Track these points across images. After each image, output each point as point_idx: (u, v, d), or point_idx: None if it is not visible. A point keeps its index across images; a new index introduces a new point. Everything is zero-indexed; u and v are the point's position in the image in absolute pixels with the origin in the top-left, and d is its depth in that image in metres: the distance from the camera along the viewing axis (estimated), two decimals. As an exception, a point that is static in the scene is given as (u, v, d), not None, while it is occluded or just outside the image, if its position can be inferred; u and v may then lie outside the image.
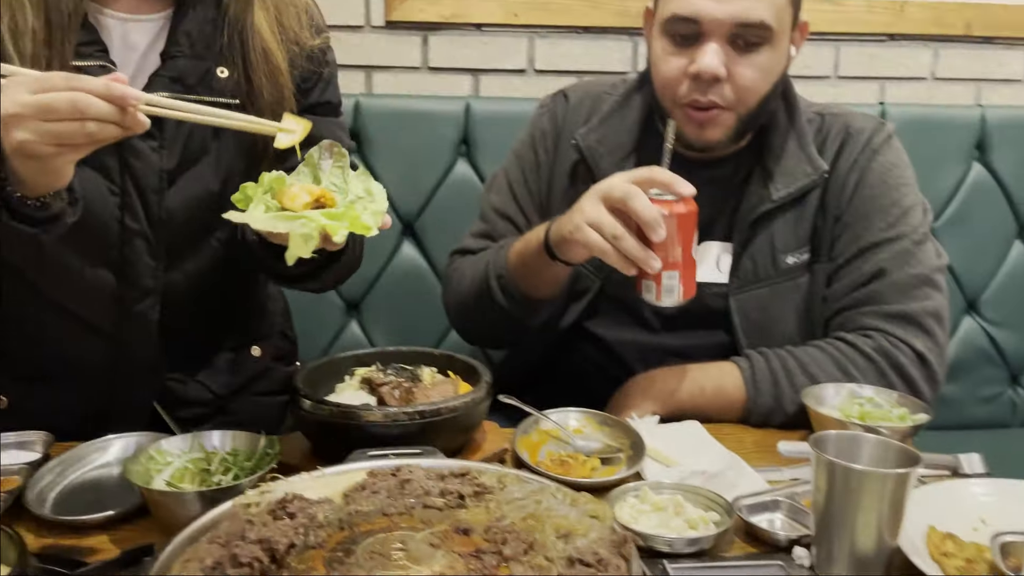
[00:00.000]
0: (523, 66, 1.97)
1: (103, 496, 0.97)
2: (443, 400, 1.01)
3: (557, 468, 1.03)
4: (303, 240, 0.88)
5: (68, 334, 1.16)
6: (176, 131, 1.12)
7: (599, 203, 1.09)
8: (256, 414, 1.30)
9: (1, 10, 0.99)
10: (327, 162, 0.99)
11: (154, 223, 1.13)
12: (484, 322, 1.38)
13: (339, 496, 0.83)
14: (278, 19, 1.18)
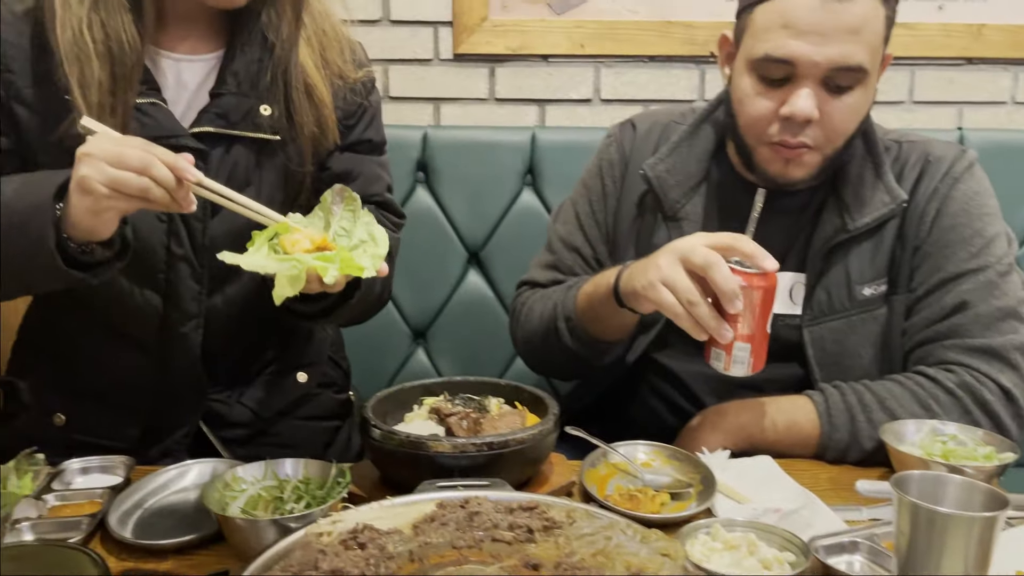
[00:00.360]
0: (589, 96, 1.98)
1: (181, 521, 1.00)
2: (511, 432, 1.01)
3: (626, 503, 1.02)
4: (289, 281, 0.92)
5: (119, 354, 1.23)
6: (220, 162, 1.17)
7: (677, 264, 1.05)
8: (301, 438, 1.34)
9: (69, 63, 1.06)
10: (338, 206, 1.03)
11: (198, 249, 1.19)
12: (552, 359, 1.38)
13: (408, 527, 0.83)
14: (322, 54, 1.22)
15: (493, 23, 1.93)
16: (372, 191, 1.32)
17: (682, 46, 1.93)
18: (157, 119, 1.13)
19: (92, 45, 1.06)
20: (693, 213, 1.30)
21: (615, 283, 1.17)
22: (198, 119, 1.16)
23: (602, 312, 1.22)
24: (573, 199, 1.43)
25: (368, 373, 1.75)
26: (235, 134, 1.17)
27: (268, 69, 1.17)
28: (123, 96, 1.09)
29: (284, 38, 1.16)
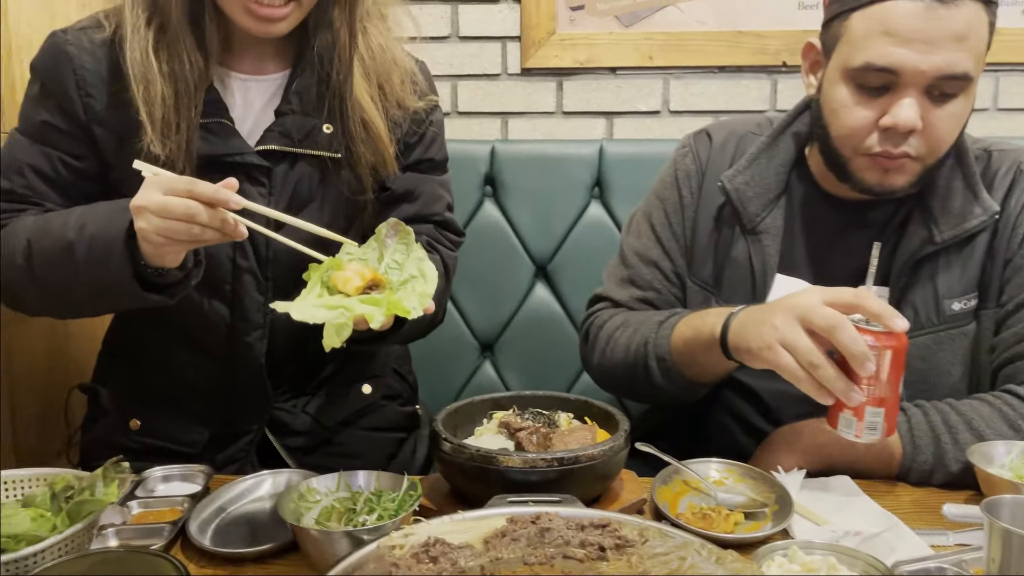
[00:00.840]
0: (657, 107, 1.96)
1: (257, 530, 1.02)
2: (581, 448, 1.00)
3: (699, 521, 1.00)
4: (335, 331, 0.94)
5: (190, 361, 1.28)
6: (284, 179, 1.21)
7: (795, 324, 0.99)
8: (365, 448, 1.36)
9: (136, 83, 1.11)
10: (392, 239, 1.06)
11: (262, 262, 1.23)
12: (634, 391, 1.34)
13: (480, 542, 0.83)
14: (380, 85, 1.24)
15: (561, 37, 1.93)
16: (432, 211, 1.34)
17: (753, 56, 1.90)
18: (223, 138, 1.17)
19: (157, 65, 1.11)
20: (773, 227, 1.27)
21: (722, 334, 1.10)
22: (263, 137, 1.20)
23: (703, 360, 1.17)
24: (646, 211, 1.40)
25: (435, 386, 1.76)
26: (298, 152, 1.21)
27: (327, 92, 1.20)
28: (186, 113, 1.13)
29: (338, 65, 1.19)
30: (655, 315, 1.29)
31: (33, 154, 1.18)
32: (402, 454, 1.42)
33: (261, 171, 1.19)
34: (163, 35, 1.12)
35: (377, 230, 1.06)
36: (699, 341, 1.15)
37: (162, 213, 0.96)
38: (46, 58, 1.18)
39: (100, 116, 1.17)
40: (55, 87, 1.17)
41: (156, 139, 1.12)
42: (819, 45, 1.22)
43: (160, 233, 0.98)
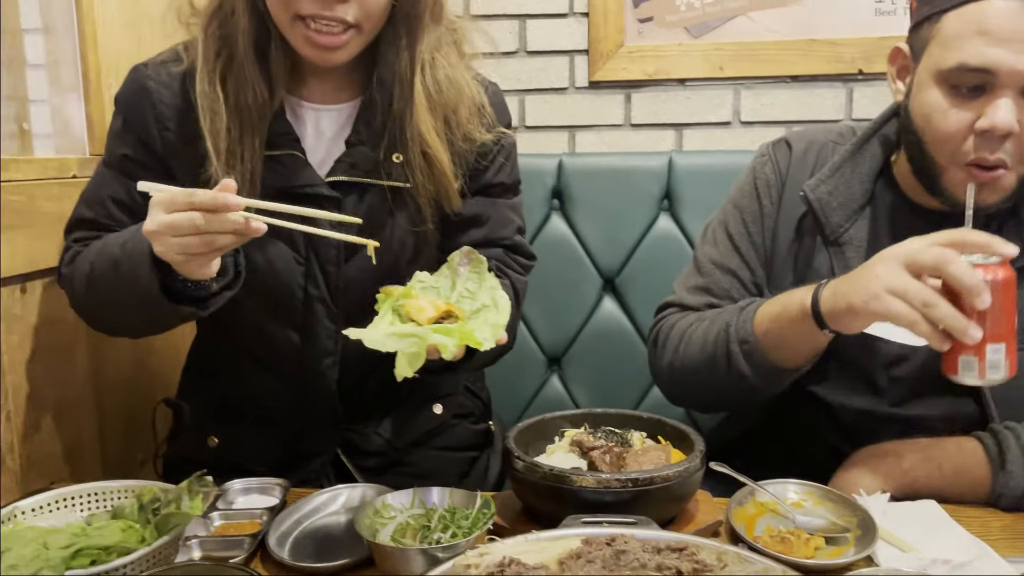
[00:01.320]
0: (728, 118, 1.94)
1: (332, 544, 1.03)
2: (656, 468, 0.99)
3: (777, 545, 0.97)
4: (408, 360, 0.94)
5: (264, 384, 1.30)
6: (354, 208, 1.21)
7: (900, 268, 0.97)
8: (437, 468, 1.36)
9: (203, 113, 1.13)
10: (464, 267, 1.05)
11: (333, 291, 1.23)
12: (711, 389, 1.27)
13: (554, 563, 0.83)
14: (446, 119, 1.23)
15: (629, 49, 1.92)
16: (501, 235, 1.33)
17: (827, 64, 1.86)
18: (293, 170, 1.18)
19: (222, 95, 1.13)
20: (857, 238, 1.23)
21: (813, 304, 1.09)
22: (333, 168, 1.21)
23: (791, 336, 1.13)
24: (722, 220, 1.36)
25: (503, 399, 1.76)
26: (368, 182, 1.21)
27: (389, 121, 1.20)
28: (250, 144, 1.14)
29: (399, 94, 1.18)
30: (734, 305, 1.25)
31: (114, 185, 1.21)
32: (474, 472, 1.42)
33: (331, 202, 1.19)
34: (230, 66, 1.14)
35: (450, 258, 1.06)
36: (788, 316, 1.12)
37: (170, 232, 0.96)
38: (128, 92, 1.21)
39: (176, 149, 1.19)
40: (135, 121, 1.20)
41: (221, 169, 1.13)
42: (907, 49, 1.18)
43: (177, 251, 0.98)
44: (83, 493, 1.01)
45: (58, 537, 0.86)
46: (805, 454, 1.30)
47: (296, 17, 1.08)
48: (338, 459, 1.32)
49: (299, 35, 1.10)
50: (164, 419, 1.41)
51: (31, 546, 0.84)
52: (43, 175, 1.28)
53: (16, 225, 1.22)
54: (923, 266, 0.96)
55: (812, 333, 1.09)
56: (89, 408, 1.41)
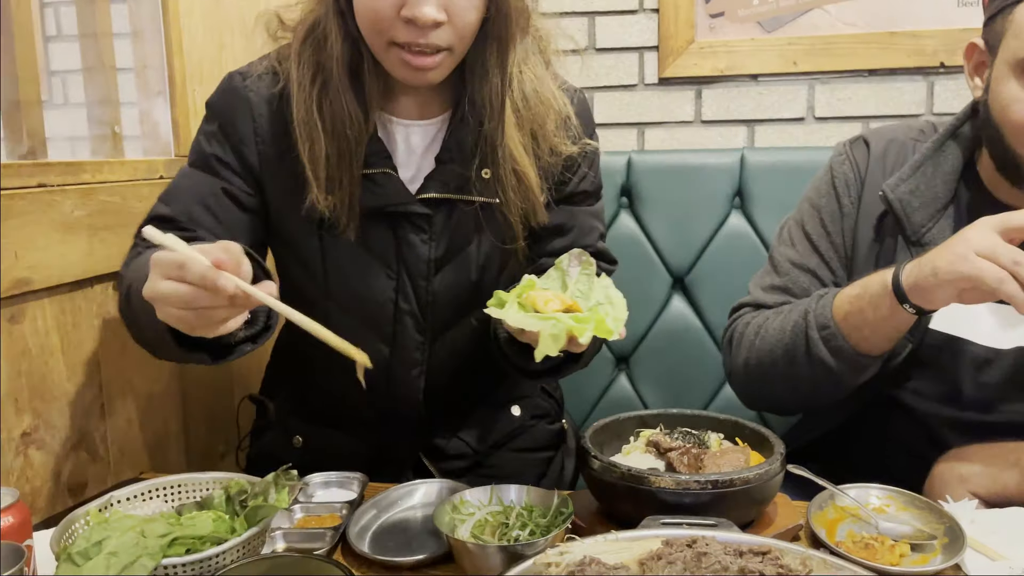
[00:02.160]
0: (802, 114, 1.90)
1: (411, 538, 1.05)
2: (736, 471, 0.98)
3: (860, 551, 0.95)
4: (552, 340, 0.93)
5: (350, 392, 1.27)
6: (443, 226, 1.21)
7: (991, 232, 0.98)
8: (516, 469, 1.36)
9: (302, 141, 1.13)
10: (575, 269, 1.04)
11: (422, 304, 1.24)
12: (788, 383, 1.24)
13: (635, 563, 0.83)
14: (533, 133, 1.22)
15: (700, 45, 1.90)
16: (585, 243, 1.31)
17: (907, 57, 1.81)
18: (387, 188, 1.17)
19: (320, 123, 1.12)
20: (940, 237, 1.19)
21: (894, 279, 1.07)
22: (424, 185, 1.20)
23: (872, 316, 1.11)
24: (799, 220, 1.34)
25: (571, 399, 1.76)
26: (458, 198, 1.20)
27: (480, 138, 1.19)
28: (348, 169, 1.14)
29: (489, 112, 1.17)
30: (811, 296, 1.23)
31: (196, 180, 1.20)
32: (551, 472, 1.42)
33: (423, 219, 1.19)
34: (325, 92, 1.13)
35: (558, 261, 1.06)
36: (868, 295, 1.11)
37: (164, 303, 0.88)
38: (226, 100, 1.20)
39: (272, 167, 1.19)
40: (232, 129, 1.19)
41: (320, 195, 1.13)
42: (982, 44, 1.16)
43: (175, 321, 0.90)
44: (173, 484, 1.06)
45: (155, 526, 0.90)
46: (886, 459, 1.27)
47: (391, 43, 1.08)
48: (420, 462, 1.34)
49: (394, 59, 1.10)
50: (246, 414, 1.45)
51: (129, 534, 0.88)
52: (133, 176, 1.33)
53: (110, 225, 1.27)
54: (1017, 227, 0.97)
55: (893, 311, 1.08)
56: (175, 402, 1.46)
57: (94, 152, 1.42)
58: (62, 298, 1.20)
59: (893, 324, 1.11)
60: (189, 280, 0.84)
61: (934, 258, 1.03)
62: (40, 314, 1.16)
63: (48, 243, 1.15)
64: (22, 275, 1.11)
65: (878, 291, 1.09)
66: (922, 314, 1.08)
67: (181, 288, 0.85)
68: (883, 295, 1.08)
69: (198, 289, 0.84)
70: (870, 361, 1.17)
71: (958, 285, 1.00)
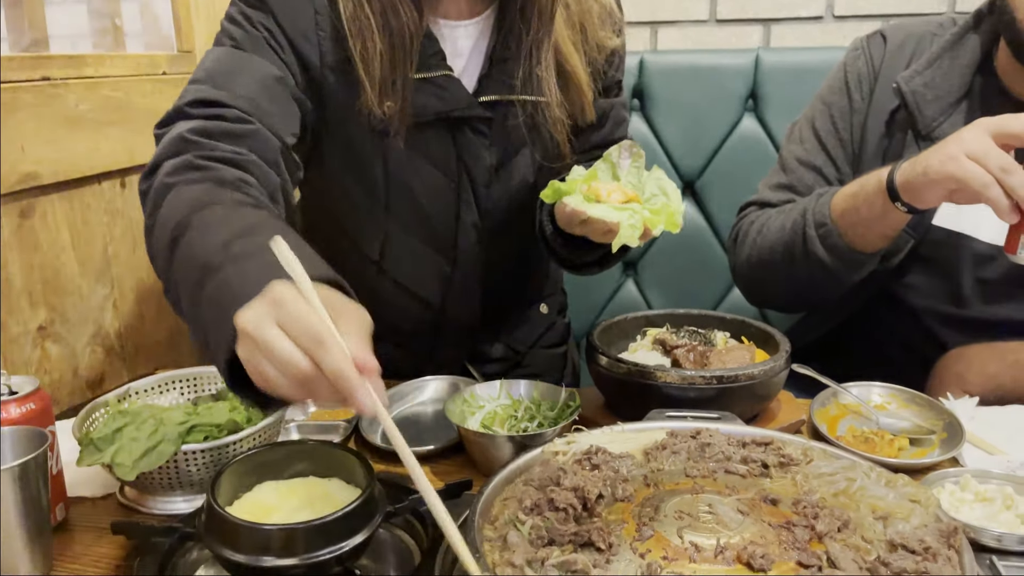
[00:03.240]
0: (820, 13, 1.84)
1: (421, 431, 1.08)
2: (741, 367, 1.00)
3: (861, 445, 0.98)
4: (631, 229, 0.92)
5: (402, 303, 1.28)
6: (501, 128, 1.16)
7: (985, 135, 0.97)
8: (544, 366, 1.39)
9: (353, 39, 1.05)
10: (626, 161, 1.03)
11: (482, 212, 1.21)
12: (787, 280, 1.25)
13: (640, 453, 0.85)
14: (582, 27, 1.17)
15: (717, -61, 1.83)
16: (619, 134, 1.31)
17: (932, -48, 1.74)
18: (451, 91, 1.11)
19: (372, 19, 1.04)
20: (951, 132, 1.18)
21: (888, 176, 1.07)
22: (483, 87, 1.14)
23: (867, 214, 1.12)
24: (810, 116, 1.33)
25: (578, 303, 1.77)
26: (514, 99, 1.15)
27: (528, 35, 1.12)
28: (402, 70, 1.07)
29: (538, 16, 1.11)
30: (812, 194, 1.24)
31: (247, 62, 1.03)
32: (567, 366, 1.45)
33: (483, 122, 1.14)
34: None
35: (607, 154, 1.04)
36: (864, 193, 1.12)
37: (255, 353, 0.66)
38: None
39: (332, 63, 1.07)
40: (290, 23, 1.05)
41: (375, 98, 1.06)
42: None
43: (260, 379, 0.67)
44: (187, 377, 1.08)
45: (173, 414, 0.92)
46: (888, 357, 1.29)
47: None
48: (464, 368, 1.35)
49: None
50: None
51: (149, 421, 0.90)
52: (136, 71, 1.30)
53: (114, 121, 1.25)
54: (1012, 134, 0.95)
55: (886, 210, 1.08)
56: (186, 299, 1.48)
57: (95, 46, 1.39)
58: (71, 194, 1.20)
59: (887, 222, 1.11)
60: (321, 367, 0.64)
61: (927, 157, 1.02)
62: (50, 209, 1.16)
63: (54, 137, 1.14)
64: (29, 169, 1.10)
65: (873, 189, 1.09)
66: (914, 213, 1.08)
67: (304, 365, 0.64)
68: (878, 193, 1.08)
69: (322, 379, 0.64)
70: (865, 258, 1.17)
71: (946, 185, 0.99)
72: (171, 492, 0.91)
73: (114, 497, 0.95)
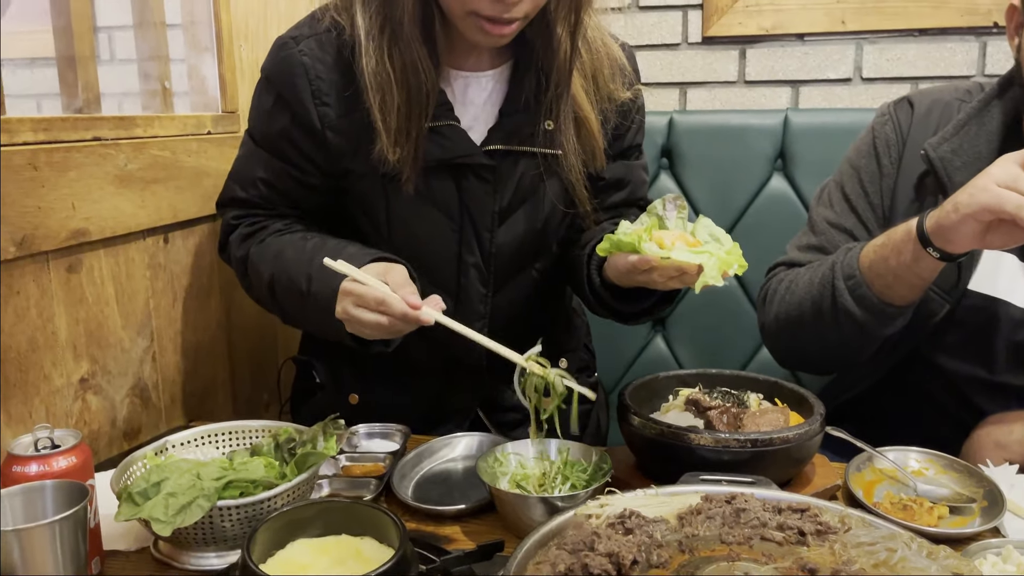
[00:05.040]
0: (848, 75, 1.86)
1: (452, 488, 1.08)
2: (775, 430, 0.99)
3: (899, 513, 0.96)
4: (714, 269, 0.96)
5: (411, 346, 1.28)
6: (508, 175, 1.21)
7: (1012, 164, 0.99)
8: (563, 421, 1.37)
9: (372, 92, 1.12)
10: (672, 212, 1.05)
11: (485, 256, 1.25)
12: (817, 337, 1.24)
13: (673, 517, 0.85)
14: (593, 78, 1.22)
15: (745, 3, 1.86)
16: (638, 195, 1.34)
17: (960, 17, 1.76)
18: (453, 140, 1.17)
19: (392, 73, 1.11)
20: None
21: (918, 224, 1.08)
22: (489, 137, 1.20)
23: (895, 263, 1.11)
24: (839, 180, 1.34)
25: (606, 359, 1.77)
26: (522, 150, 1.20)
27: (547, 90, 1.18)
28: (418, 121, 1.13)
29: (558, 70, 1.16)
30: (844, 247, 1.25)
31: (267, 166, 1.22)
32: (590, 425, 1.45)
33: (487, 170, 1.19)
34: (395, 42, 1.11)
35: (651, 206, 1.07)
36: (892, 242, 1.12)
37: (361, 325, 1.04)
38: (281, 68, 1.18)
39: (335, 123, 1.18)
40: (291, 97, 1.17)
41: (390, 146, 1.13)
42: (1020, 5, 1.13)
43: (357, 334, 1.07)
44: (224, 431, 1.09)
45: (209, 469, 0.93)
46: (922, 420, 1.27)
47: (472, 12, 1.07)
48: (476, 416, 1.36)
49: (472, 25, 1.09)
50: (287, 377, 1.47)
51: (186, 476, 0.91)
52: (182, 131, 1.35)
53: (161, 179, 1.30)
54: None
55: (916, 257, 1.08)
56: (222, 352, 1.50)
57: (145, 107, 1.44)
58: (116, 249, 1.23)
59: (917, 271, 1.10)
60: (390, 314, 1.01)
61: (956, 196, 1.03)
62: (96, 264, 1.19)
63: (103, 195, 1.18)
64: (79, 226, 1.14)
65: (902, 237, 1.10)
66: (947, 259, 1.07)
67: (383, 320, 1.02)
68: (906, 240, 1.09)
69: (396, 321, 1.02)
70: (895, 311, 1.16)
71: (979, 218, 0.99)
72: (205, 548, 0.92)
73: (148, 551, 0.95)
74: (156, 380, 1.33)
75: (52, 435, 0.90)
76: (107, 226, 1.19)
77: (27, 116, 1.07)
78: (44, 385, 1.12)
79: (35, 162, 1.07)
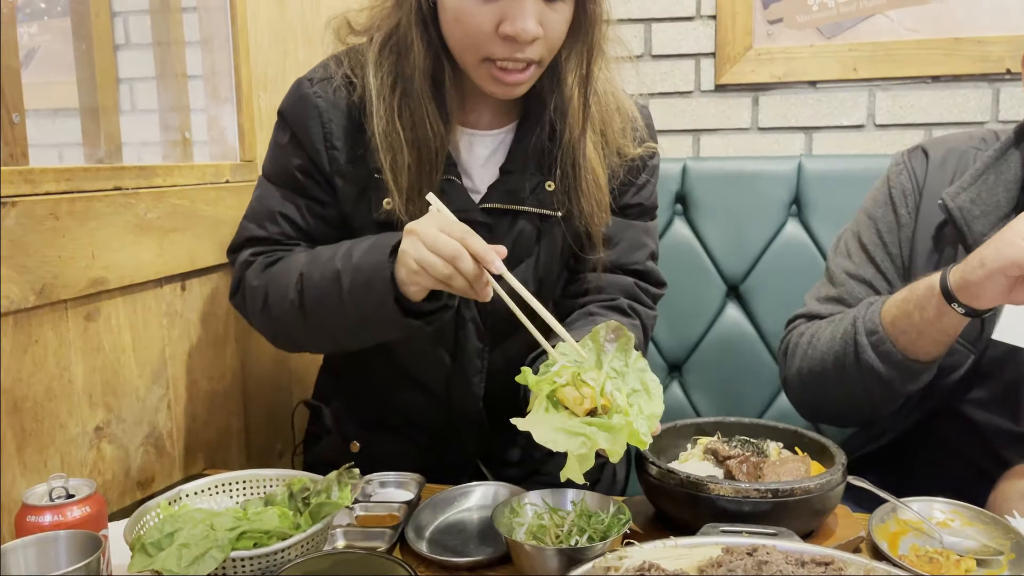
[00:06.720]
0: (862, 121, 1.87)
1: (467, 539, 1.07)
2: (796, 480, 0.98)
3: (924, 565, 0.94)
4: (578, 461, 0.89)
5: (411, 397, 1.31)
6: (505, 234, 1.21)
7: None
8: None
9: (383, 152, 1.14)
10: (611, 344, 1.00)
11: (483, 312, 1.25)
12: (841, 391, 1.23)
13: (694, 569, 0.83)
14: (603, 133, 1.23)
15: (758, 51, 1.89)
16: (631, 259, 1.31)
17: (972, 64, 1.78)
18: (451, 196, 1.17)
19: (402, 133, 1.13)
20: None
21: (941, 279, 1.07)
22: (488, 195, 1.21)
23: (919, 319, 1.10)
24: (855, 231, 1.33)
25: (624, 404, 1.76)
26: (521, 209, 1.21)
27: (554, 150, 1.19)
28: (428, 178, 1.14)
29: (571, 127, 1.17)
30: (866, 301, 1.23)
31: (284, 203, 1.23)
32: (604, 477, 1.42)
33: (483, 227, 1.19)
34: (406, 101, 1.13)
35: (594, 332, 1.02)
36: (915, 297, 1.11)
37: (430, 245, 0.99)
38: (297, 108, 1.20)
39: (342, 169, 1.20)
40: (304, 137, 1.20)
41: (401, 205, 1.14)
42: None
43: (419, 261, 1.00)
44: (238, 480, 1.08)
45: (223, 519, 0.92)
46: (946, 470, 1.25)
47: (485, 59, 1.09)
48: (477, 469, 1.35)
49: (485, 74, 1.10)
50: (301, 420, 1.47)
51: (200, 526, 0.90)
52: (202, 180, 1.37)
53: (180, 227, 1.31)
54: None
55: (940, 313, 1.07)
56: (236, 400, 1.50)
57: (165, 156, 1.47)
58: (134, 297, 1.24)
59: (941, 327, 1.09)
60: (468, 247, 0.97)
61: (981, 250, 1.02)
62: (114, 313, 1.20)
63: (122, 244, 1.19)
64: (98, 275, 1.15)
65: (924, 293, 1.09)
66: (973, 315, 1.06)
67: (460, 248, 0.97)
68: (930, 296, 1.08)
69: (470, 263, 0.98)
70: (920, 367, 1.15)
71: (1007, 272, 0.98)
72: (218, 600, 0.90)
73: (160, 603, 0.94)
74: (171, 428, 1.33)
75: (67, 484, 0.90)
76: (126, 274, 1.20)
77: (50, 167, 1.09)
78: (60, 434, 1.12)
79: (57, 212, 1.08)
